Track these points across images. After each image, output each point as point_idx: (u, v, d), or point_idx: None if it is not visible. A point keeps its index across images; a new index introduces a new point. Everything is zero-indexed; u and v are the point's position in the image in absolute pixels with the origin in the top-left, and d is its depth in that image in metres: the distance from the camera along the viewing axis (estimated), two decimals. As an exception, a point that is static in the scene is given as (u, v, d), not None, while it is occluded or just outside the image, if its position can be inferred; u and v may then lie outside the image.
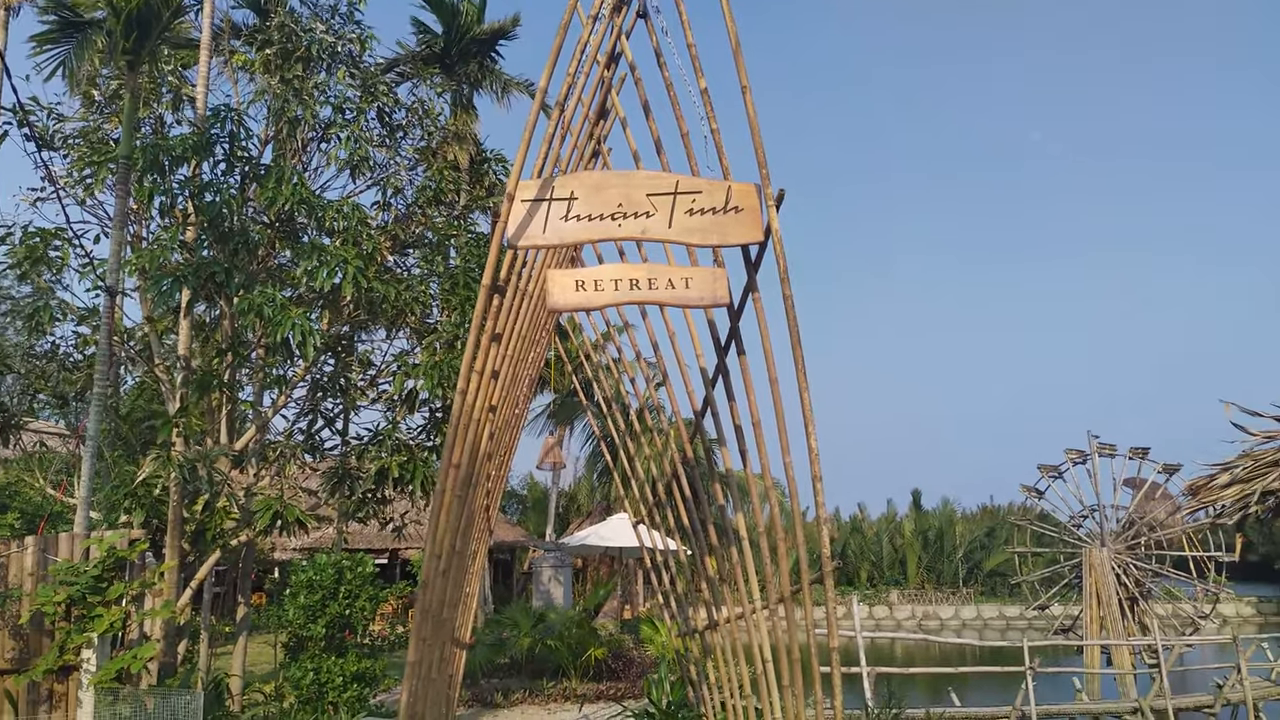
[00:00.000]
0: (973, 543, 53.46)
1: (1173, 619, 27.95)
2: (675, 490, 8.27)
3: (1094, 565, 25.13)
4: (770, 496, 6.32)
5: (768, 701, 6.35)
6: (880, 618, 47.07)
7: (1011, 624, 42.27)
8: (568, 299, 5.45)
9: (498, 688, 12.61)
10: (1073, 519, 28.74)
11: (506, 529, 31.98)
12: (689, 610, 8.82)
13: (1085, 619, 25.29)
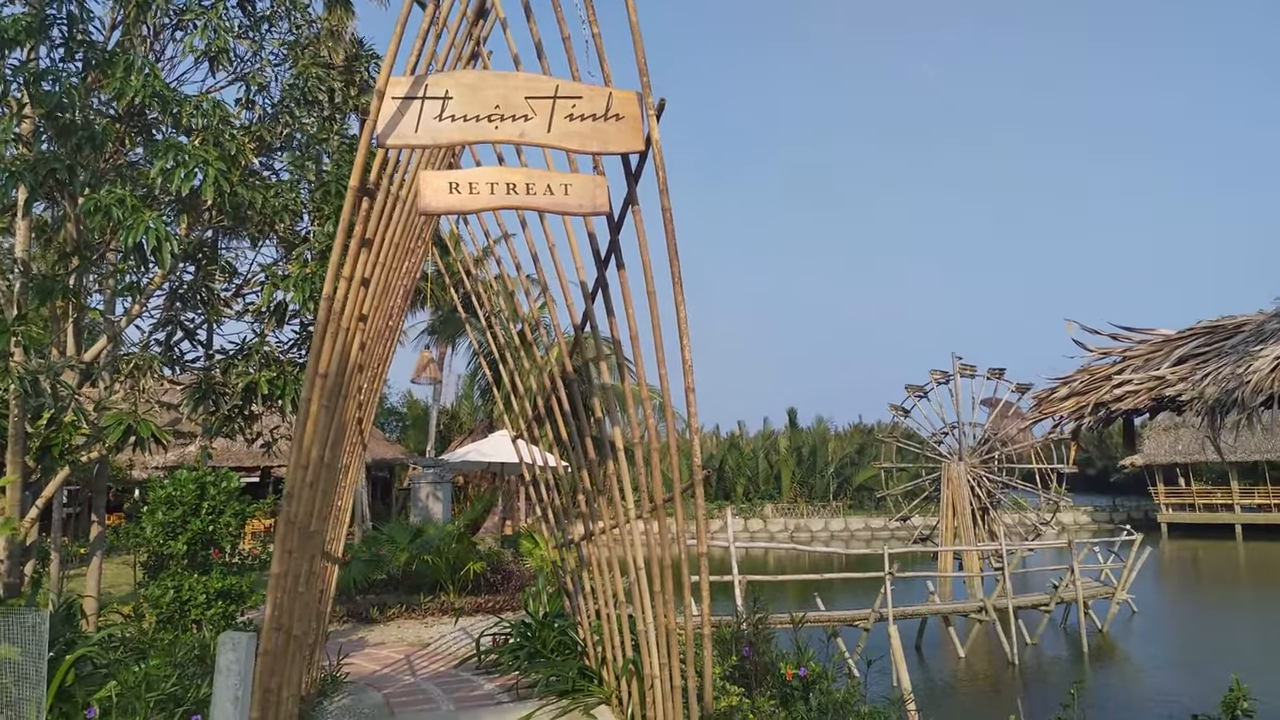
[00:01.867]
0: (844, 459, 55.94)
1: (1018, 527, 30.15)
2: (555, 404, 8.26)
3: (951, 478, 26.70)
4: (646, 409, 6.37)
5: (640, 609, 6.51)
6: (755, 530, 49.00)
7: (876, 534, 44.70)
8: (441, 201, 5.25)
9: (374, 603, 12.54)
10: (934, 436, 30.38)
11: (386, 446, 31.50)
12: (567, 523, 8.91)
13: (942, 528, 26.97)
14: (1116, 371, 5.56)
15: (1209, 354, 5.08)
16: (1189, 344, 5.27)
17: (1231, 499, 46.06)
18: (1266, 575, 32.86)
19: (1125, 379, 5.43)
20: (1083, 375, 5.70)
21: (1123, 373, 5.51)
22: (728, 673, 7.79)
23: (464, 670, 9.00)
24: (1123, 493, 59.83)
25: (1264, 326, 4.80)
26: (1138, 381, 5.34)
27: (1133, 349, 5.65)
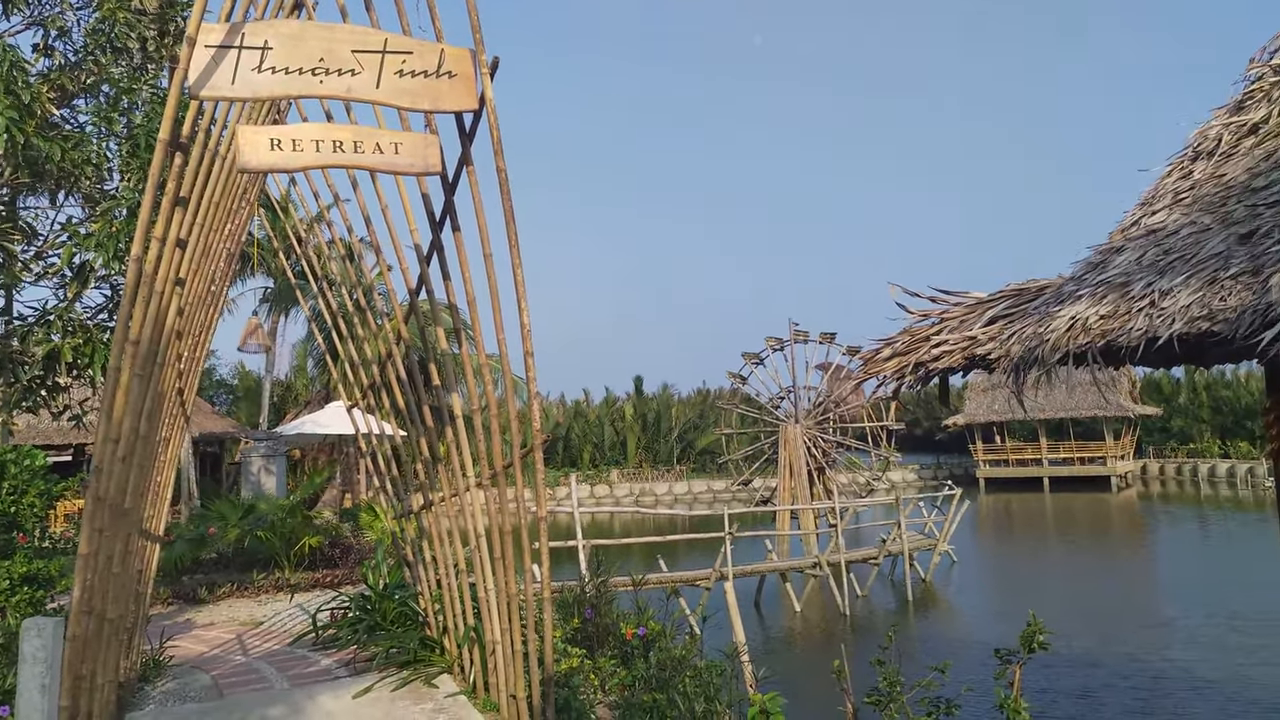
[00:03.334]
0: (687, 424, 57.22)
1: (852, 485, 31.73)
2: (391, 372, 8.01)
3: (788, 440, 27.77)
4: (485, 375, 6.26)
5: (481, 576, 6.44)
6: (601, 496, 49.52)
7: (718, 497, 46.06)
8: (261, 159, 4.94)
9: (202, 583, 11.89)
10: (771, 400, 31.49)
11: (214, 420, 29.83)
12: (406, 493, 8.70)
13: (779, 488, 28.04)
14: (935, 332, 5.86)
15: (1015, 315, 5.42)
16: (998, 306, 5.62)
17: (1040, 454, 50.10)
18: (1068, 523, 35.99)
19: (942, 339, 5.73)
20: (904, 336, 5.98)
21: (940, 334, 5.81)
22: (570, 635, 7.84)
23: (299, 647, 8.69)
24: (946, 451, 64.06)
25: (1063, 289, 5.17)
26: (953, 342, 5.64)
27: (949, 311, 5.97)
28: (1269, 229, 4.22)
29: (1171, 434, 55.18)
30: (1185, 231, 4.76)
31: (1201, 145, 5.66)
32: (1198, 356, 5.72)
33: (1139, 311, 4.38)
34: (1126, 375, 49.42)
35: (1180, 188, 5.38)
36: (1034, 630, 4.21)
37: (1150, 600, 19.27)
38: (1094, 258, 5.39)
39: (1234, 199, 4.75)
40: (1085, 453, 49.53)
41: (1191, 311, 4.08)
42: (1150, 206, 5.44)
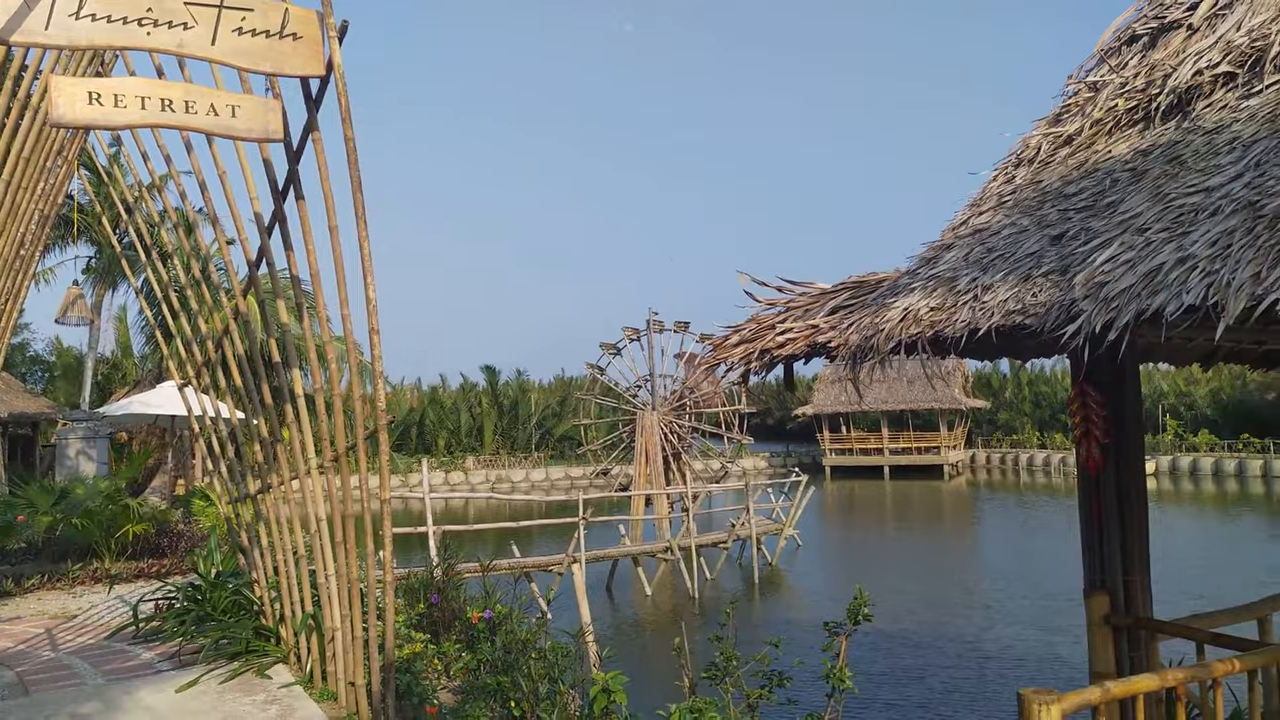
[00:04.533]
0: (545, 410, 57.05)
1: (705, 472, 32.48)
2: (228, 349, 7.61)
3: (645, 427, 28.13)
4: (328, 352, 6.04)
5: (321, 561, 6.23)
6: (456, 483, 48.79)
7: (576, 483, 46.20)
8: (78, 113, 4.57)
9: (8, 574, 10.98)
10: (629, 389, 31.82)
11: (26, 399, 27.56)
12: (242, 477, 8.30)
13: (635, 474, 28.38)
14: (780, 320, 6.03)
15: (855, 306, 5.65)
16: (840, 297, 5.84)
17: (882, 444, 52.66)
18: (905, 508, 38.03)
19: (787, 327, 5.91)
20: (751, 324, 6.14)
21: (785, 322, 5.99)
22: (414, 621, 7.69)
23: (118, 641, 8.15)
24: (796, 440, 66.39)
25: (898, 283, 5.42)
26: (797, 330, 5.83)
27: (795, 300, 6.16)
28: (1076, 231, 4.55)
29: (998, 426, 59.08)
30: (1006, 232, 5.08)
31: (1024, 153, 6.05)
32: (1015, 349, 6.13)
33: (964, 305, 4.64)
34: (960, 371, 52.59)
35: (1004, 191, 5.74)
36: (860, 603, 4.42)
37: (976, 580, 20.57)
38: (926, 254, 5.68)
39: (1049, 203, 5.10)
40: (922, 443, 52.39)
41: (1008, 305, 4.36)
42: (978, 208, 5.78)
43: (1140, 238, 4.11)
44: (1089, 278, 4.08)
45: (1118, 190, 4.74)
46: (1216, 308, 3.48)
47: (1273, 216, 3.61)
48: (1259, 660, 4.11)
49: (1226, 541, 26.02)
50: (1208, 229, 3.83)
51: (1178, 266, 3.76)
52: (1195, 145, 4.67)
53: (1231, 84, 4.98)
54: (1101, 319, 3.84)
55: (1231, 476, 42.79)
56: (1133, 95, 5.53)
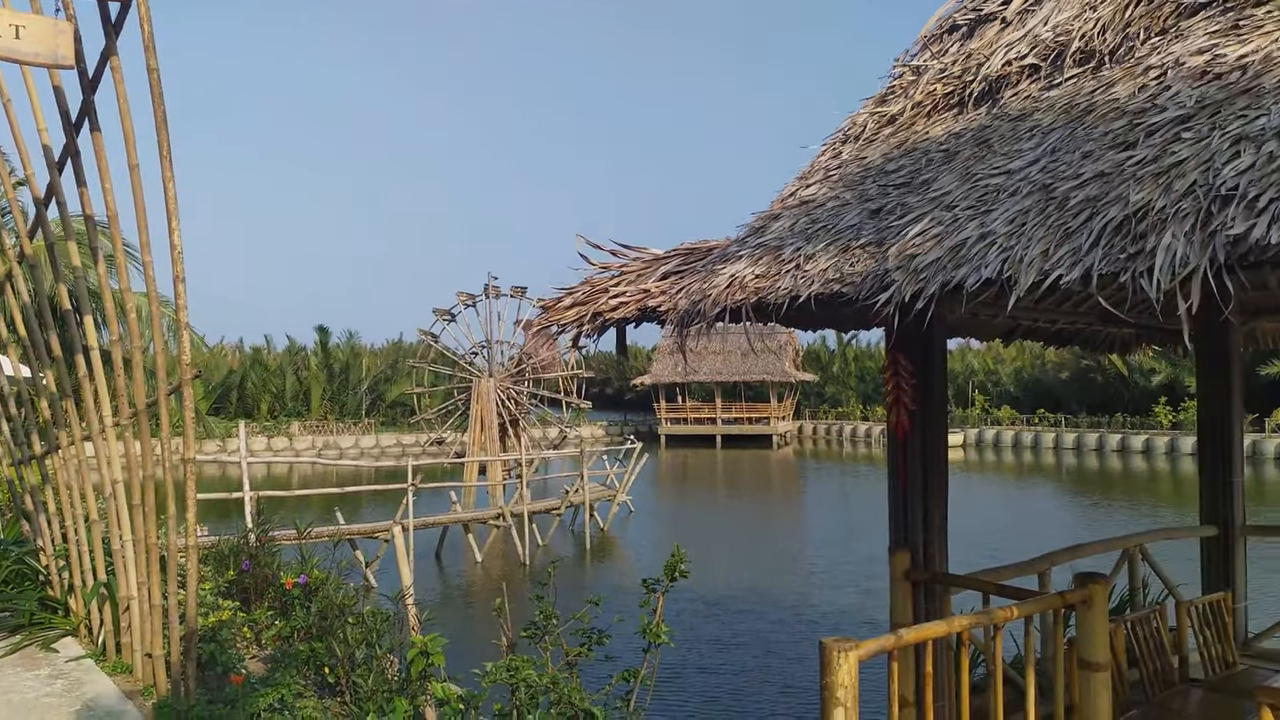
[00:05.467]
0: (378, 375, 55.36)
1: (543, 440, 32.43)
2: (11, 296, 6.92)
3: (481, 394, 27.77)
4: (126, 301, 5.59)
5: (115, 525, 5.79)
6: (280, 449, 46.70)
7: (408, 450, 45.18)
8: None
9: None
10: (465, 356, 31.27)
11: None
12: (28, 435, 7.60)
13: (470, 441, 28.02)
14: (613, 284, 6.04)
15: (686, 271, 5.72)
16: (671, 262, 5.90)
17: (715, 414, 54.22)
18: (735, 476, 39.36)
19: (619, 291, 5.92)
20: (585, 287, 6.12)
21: (618, 285, 6.00)
22: (223, 588, 7.32)
23: (-123, 617, 7.33)
24: (634, 410, 67.38)
25: (727, 250, 5.52)
26: (629, 294, 5.86)
27: (628, 265, 6.18)
28: (893, 206, 4.76)
29: (825, 398, 61.97)
30: (830, 204, 5.27)
31: (851, 130, 6.28)
32: (835, 319, 6.39)
33: (787, 273, 4.78)
34: (791, 345, 54.77)
35: (830, 166, 5.94)
36: (676, 560, 4.52)
37: (800, 545, 21.55)
38: (755, 223, 5.81)
39: (870, 179, 5.32)
40: (754, 413, 54.32)
41: (828, 274, 4.52)
42: (805, 180, 5.96)
43: (948, 214, 4.34)
44: (901, 250, 4.28)
45: (932, 169, 4.99)
46: (1010, 281, 3.71)
47: (1062, 199, 3.88)
48: (1034, 607, 4.47)
49: (1019, 505, 28.39)
50: (1007, 208, 4.09)
51: (979, 242, 3.99)
52: (1001, 130, 4.97)
53: (1036, 75, 5.33)
54: (911, 289, 4.04)
55: (1028, 448, 46.61)
56: (950, 81, 5.83)
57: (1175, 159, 3.63)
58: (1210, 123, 3.75)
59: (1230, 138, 3.54)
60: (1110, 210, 3.59)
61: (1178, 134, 3.79)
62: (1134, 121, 4.12)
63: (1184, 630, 6.22)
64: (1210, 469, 7.38)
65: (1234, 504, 7.25)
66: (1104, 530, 20.45)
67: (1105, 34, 5.04)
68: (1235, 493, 7.28)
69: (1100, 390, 48.26)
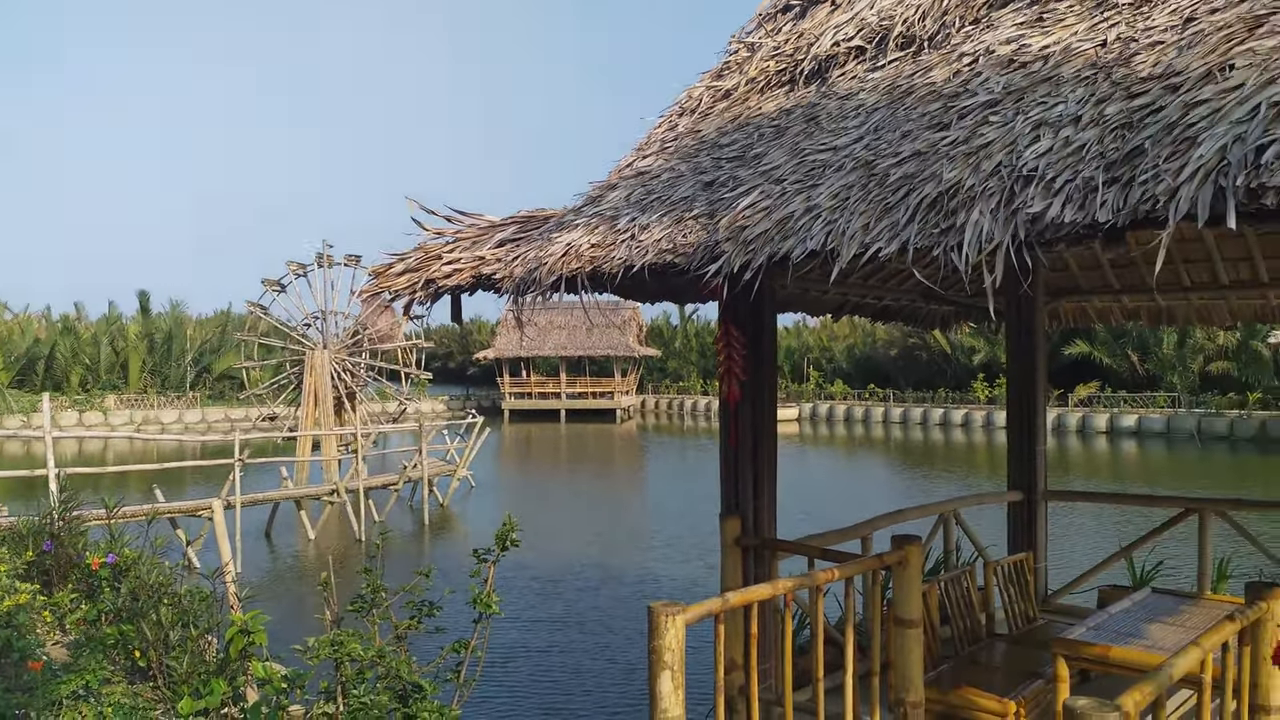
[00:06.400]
0: (204, 346, 52.24)
1: (382, 414, 31.49)
2: None
3: (314, 367, 26.65)
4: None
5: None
6: (93, 424, 43.38)
7: (237, 426, 42.91)
8: None
9: None
10: (296, 327, 29.87)
11: None
12: None
13: (303, 415, 26.88)
14: (448, 251, 5.89)
15: (522, 240, 5.63)
16: (508, 230, 5.80)
17: (560, 389, 54.24)
18: (579, 450, 39.53)
19: (454, 258, 5.78)
20: (418, 253, 5.94)
21: (453, 252, 5.86)
22: (20, 571, 6.72)
23: None
24: (477, 384, 66.50)
25: (564, 218, 5.47)
26: (464, 261, 5.72)
27: (464, 231, 6.03)
28: (725, 179, 4.84)
29: (668, 373, 63.07)
30: (665, 176, 5.30)
31: (688, 104, 6.34)
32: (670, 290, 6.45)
33: (622, 242, 4.78)
34: (635, 320, 55.38)
35: (667, 138, 5.98)
36: (507, 529, 4.47)
37: (641, 517, 21.88)
38: (593, 192, 5.79)
39: (705, 152, 5.38)
40: (598, 388, 54.68)
41: (661, 245, 4.55)
42: (643, 152, 5.98)
43: (777, 188, 4.45)
44: (731, 222, 4.36)
45: (763, 144, 5.10)
46: (833, 253, 3.84)
47: (882, 175, 4.04)
48: (854, 569, 4.69)
49: (850, 475, 29.88)
50: (832, 183, 4.22)
51: (805, 215, 4.11)
52: (829, 109, 5.14)
53: (862, 57, 5.53)
54: (740, 260, 4.12)
55: (860, 421, 49.02)
56: (782, 59, 5.97)
57: (983, 141, 3.84)
58: (1015, 108, 3.98)
59: (1032, 122, 3.78)
60: (925, 187, 3.77)
61: (986, 117, 4.01)
62: (948, 104, 4.34)
63: (991, 589, 6.68)
64: (1017, 439, 7.95)
65: (1037, 471, 7.83)
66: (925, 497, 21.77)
67: (924, 20, 5.28)
68: (1039, 461, 7.86)
69: (925, 367, 51.26)
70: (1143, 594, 5.81)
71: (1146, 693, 2.54)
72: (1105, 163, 3.28)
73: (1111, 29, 4.32)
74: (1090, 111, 3.64)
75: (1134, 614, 5.23)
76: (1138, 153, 3.22)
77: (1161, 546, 8.94)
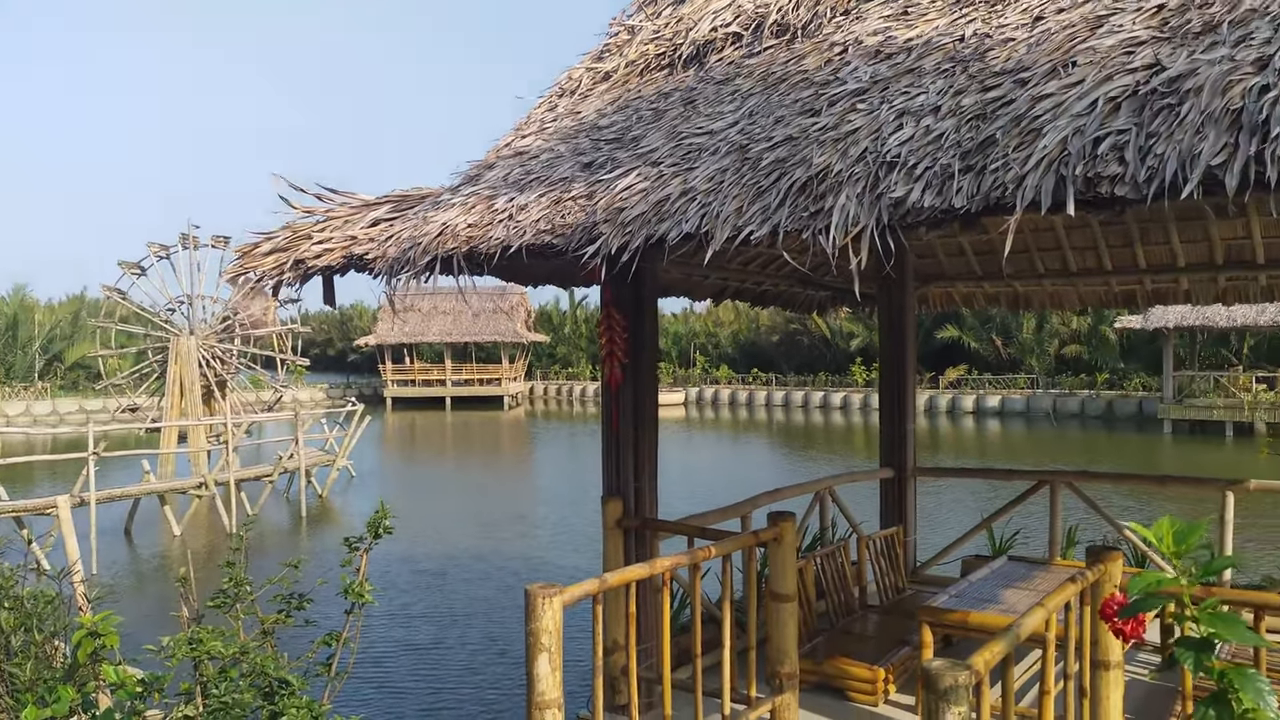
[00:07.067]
0: (54, 333, 49.07)
1: (257, 403, 30.26)
2: None
3: (180, 354, 25.41)
4: None
5: None
6: (-73, 418, 40.25)
7: (94, 418, 40.53)
8: None
9: None
10: (159, 313, 28.35)
11: None
12: None
13: (168, 405, 25.60)
14: (318, 230, 5.69)
15: (397, 219, 5.49)
16: (382, 209, 5.65)
17: (445, 375, 53.30)
18: (465, 438, 38.99)
19: (325, 237, 5.59)
20: (286, 232, 5.72)
21: (324, 232, 5.66)
22: None
23: None
24: (358, 371, 64.75)
25: (440, 198, 5.36)
26: (335, 241, 5.54)
27: (335, 210, 5.84)
28: (604, 161, 4.84)
29: (557, 359, 62.86)
30: (544, 156, 5.26)
31: (568, 84, 6.30)
32: (549, 273, 6.43)
33: (500, 222, 4.72)
34: (523, 306, 54.90)
35: (546, 119, 5.93)
36: (380, 517, 4.37)
37: (530, 505, 21.74)
38: (471, 171, 5.70)
39: (584, 133, 5.36)
40: (485, 374, 53.99)
41: (540, 225, 4.51)
42: (521, 131, 5.91)
43: (655, 170, 4.47)
44: (609, 204, 4.35)
45: (642, 126, 5.11)
46: (708, 236, 3.88)
47: (756, 159, 4.11)
48: (731, 546, 4.78)
49: (734, 457, 30.46)
50: (707, 166, 4.27)
51: (681, 198, 4.14)
52: (706, 93, 5.19)
53: (739, 43, 5.60)
54: (617, 241, 4.13)
55: (744, 405, 50.01)
56: (662, 43, 5.99)
57: (851, 127, 3.95)
58: (881, 97, 4.11)
59: (896, 111, 3.91)
60: (796, 172, 3.85)
61: (854, 105, 4.13)
62: (819, 92, 4.44)
63: (863, 562, 6.94)
64: (888, 418, 8.26)
65: (907, 449, 8.16)
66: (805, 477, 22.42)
67: (798, 9, 5.39)
68: (908, 439, 8.19)
69: (806, 352, 52.70)
70: (1000, 562, 6.14)
71: (996, 652, 2.68)
72: (961, 151, 3.42)
73: (969, 24, 4.50)
74: (949, 102, 3.79)
75: (991, 581, 5.52)
76: (990, 142, 3.37)
77: (1019, 517, 9.47)
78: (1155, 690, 5.17)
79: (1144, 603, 1.75)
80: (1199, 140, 2.85)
